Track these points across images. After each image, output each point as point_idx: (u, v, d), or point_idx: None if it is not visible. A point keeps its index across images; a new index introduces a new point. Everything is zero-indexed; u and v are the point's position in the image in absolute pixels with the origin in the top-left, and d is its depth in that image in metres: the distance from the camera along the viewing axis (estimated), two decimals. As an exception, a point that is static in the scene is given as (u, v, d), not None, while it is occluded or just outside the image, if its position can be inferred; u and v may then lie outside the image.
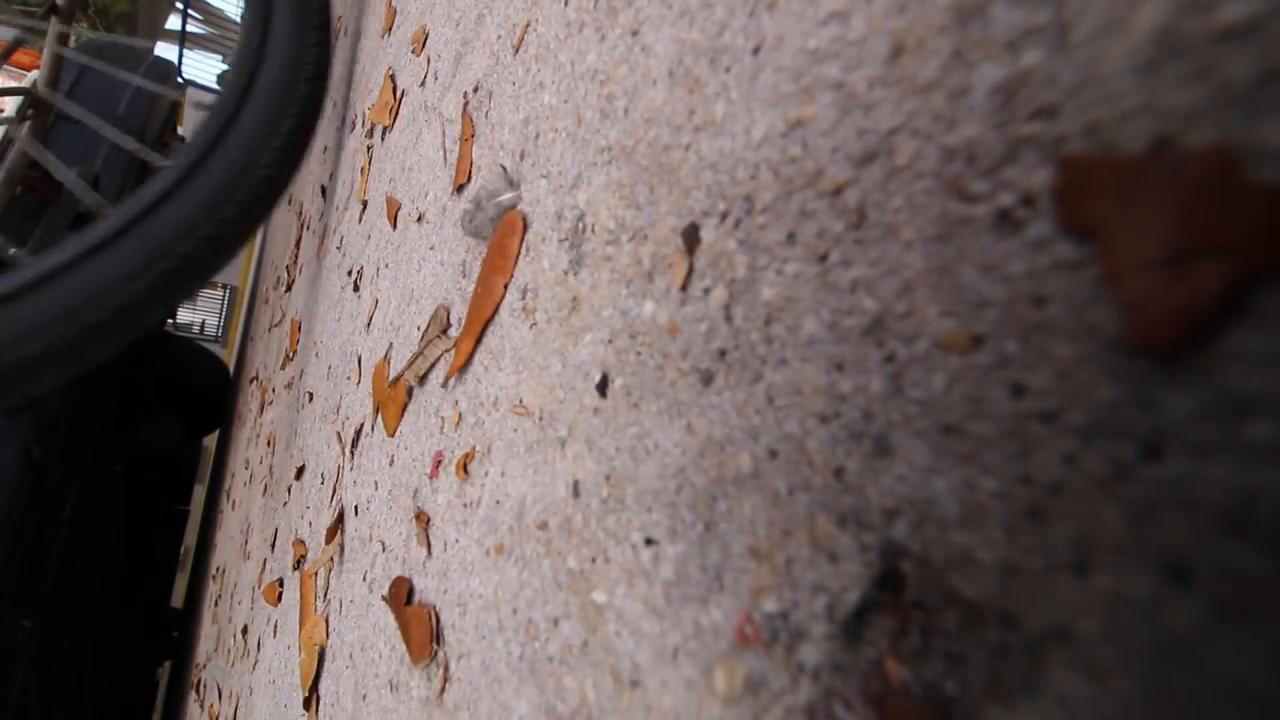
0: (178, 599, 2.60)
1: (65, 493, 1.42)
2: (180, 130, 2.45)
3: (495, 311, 0.38)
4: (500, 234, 0.39)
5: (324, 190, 1.26)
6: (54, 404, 1.29)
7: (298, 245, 1.55)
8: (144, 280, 0.72)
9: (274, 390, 1.36)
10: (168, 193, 0.74)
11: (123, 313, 0.71)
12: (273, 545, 0.93)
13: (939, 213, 0.16)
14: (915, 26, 0.17)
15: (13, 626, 1.28)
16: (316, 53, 0.84)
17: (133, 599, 2.00)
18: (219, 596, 1.53)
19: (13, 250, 0.73)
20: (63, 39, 1.20)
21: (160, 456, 2.17)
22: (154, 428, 2.09)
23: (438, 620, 0.36)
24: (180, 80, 2.57)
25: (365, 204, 0.80)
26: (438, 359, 0.46)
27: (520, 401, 0.33)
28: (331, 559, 0.60)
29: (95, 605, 1.64)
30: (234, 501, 1.71)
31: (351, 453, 0.62)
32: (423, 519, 0.41)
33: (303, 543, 0.73)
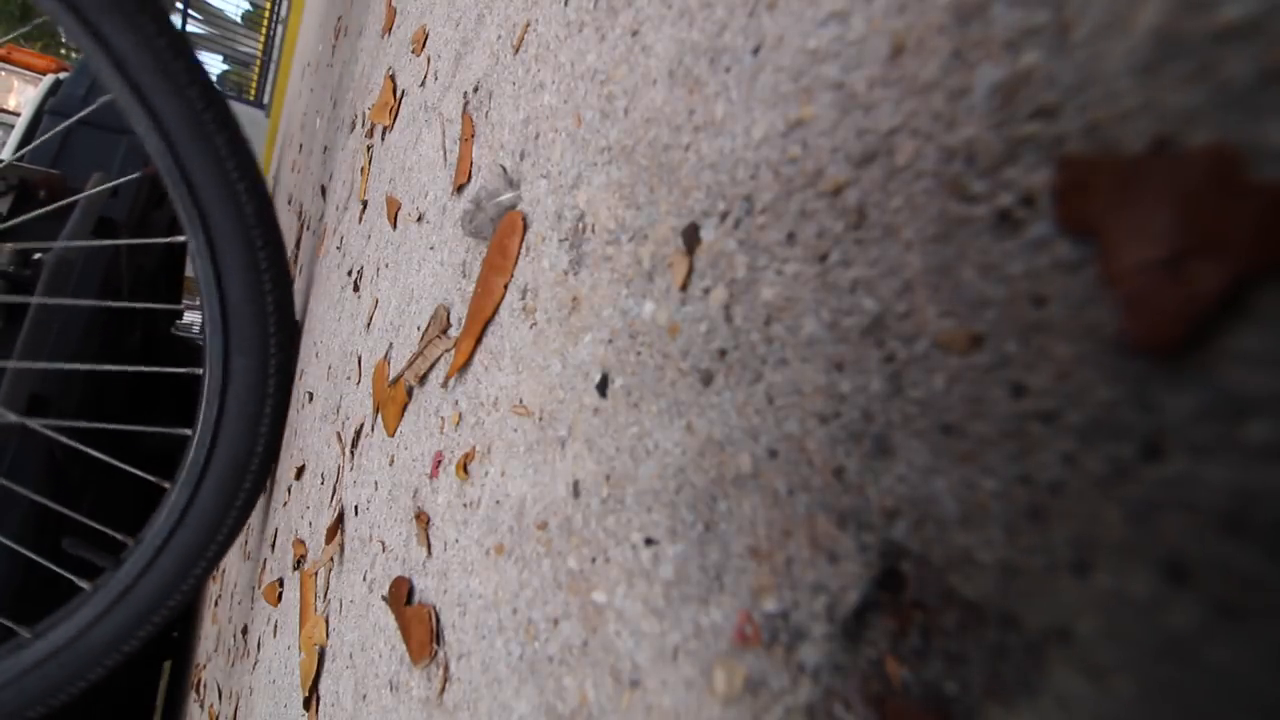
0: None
1: (82, 493, 1.42)
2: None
3: (495, 311, 0.38)
4: (500, 234, 0.39)
5: (323, 190, 1.26)
6: (73, 406, 1.29)
7: (297, 245, 1.55)
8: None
9: (274, 390, 1.36)
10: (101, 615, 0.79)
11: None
12: (273, 545, 0.93)
13: (939, 213, 0.16)
14: (915, 26, 0.17)
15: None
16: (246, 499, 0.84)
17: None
18: (219, 596, 1.53)
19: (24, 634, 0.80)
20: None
21: (162, 456, 2.17)
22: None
23: (438, 620, 0.36)
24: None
25: (365, 204, 0.80)
26: (438, 359, 0.46)
27: (520, 401, 0.33)
28: (331, 559, 0.60)
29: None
30: (234, 501, 1.70)
31: (351, 453, 0.62)
32: (423, 519, 0.41)
33: (302, 542, 0.73)
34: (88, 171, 1.34)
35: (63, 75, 1.85)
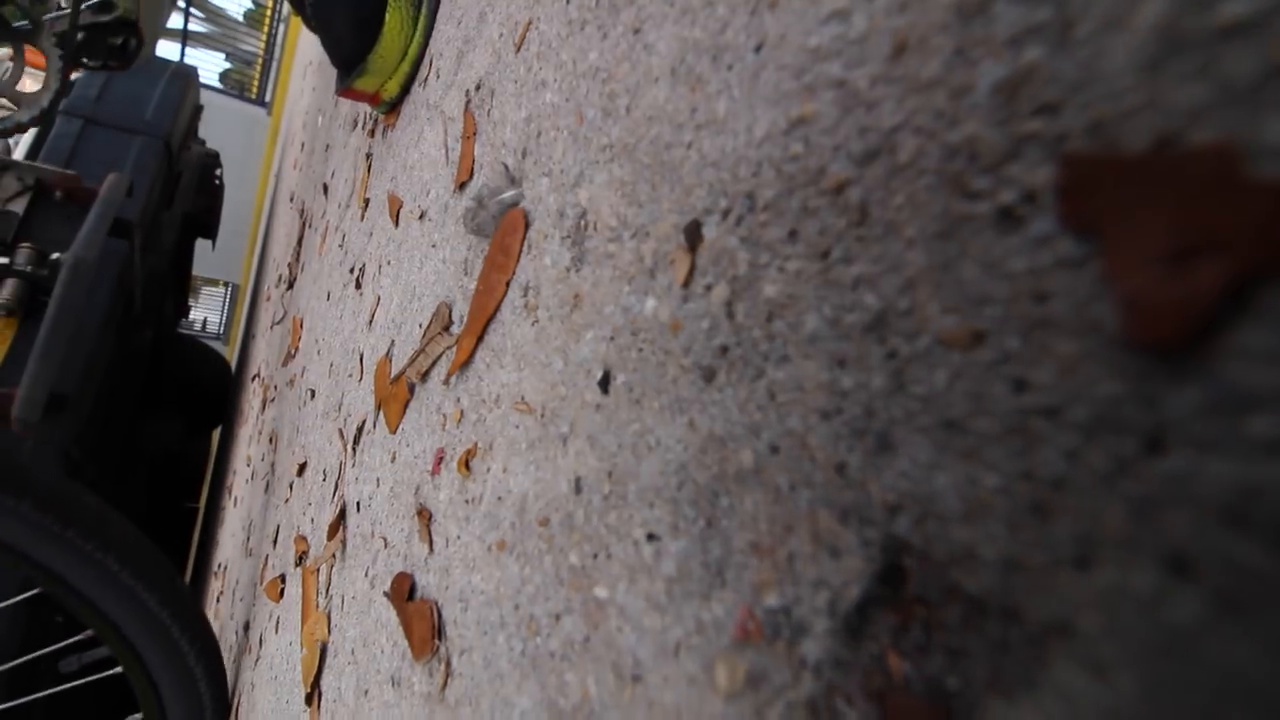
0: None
1: (96, 490, 1.43)
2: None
3: (497, 309, 0.38)
4: (502, 232, 0.39)
5: (326, 188, 1.26)
6: (88, 406, 1.29)
7: (300, 243, 1.55)
8: None
9: (276, 387, 1.36)
10: None
11: None
12: (275, 542, 0.93)
13: (941, 210, 0.16)
14: (917, 24, 0.17)
15: (48, 621, 1.29)
16: None
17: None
18: (221, 593, 1.53)
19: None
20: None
21: (164, 454, 2.18)
22: (159, 425, 2.10)
23: (440, 616, 0.36)
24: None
25: (367, 202, 0.80)
26: (439, 356, 0.46)
27: (522, 398, 0.33)
28: (333, 555, 0.60)
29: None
30: (236, 498, 1.71)
31: (353, 449, 0.62)
32: (425, 515, 0.41)
33: (305, 539, 0.73)
34: (101, 171, 1.35)
35: (74, 76, 1.86)
